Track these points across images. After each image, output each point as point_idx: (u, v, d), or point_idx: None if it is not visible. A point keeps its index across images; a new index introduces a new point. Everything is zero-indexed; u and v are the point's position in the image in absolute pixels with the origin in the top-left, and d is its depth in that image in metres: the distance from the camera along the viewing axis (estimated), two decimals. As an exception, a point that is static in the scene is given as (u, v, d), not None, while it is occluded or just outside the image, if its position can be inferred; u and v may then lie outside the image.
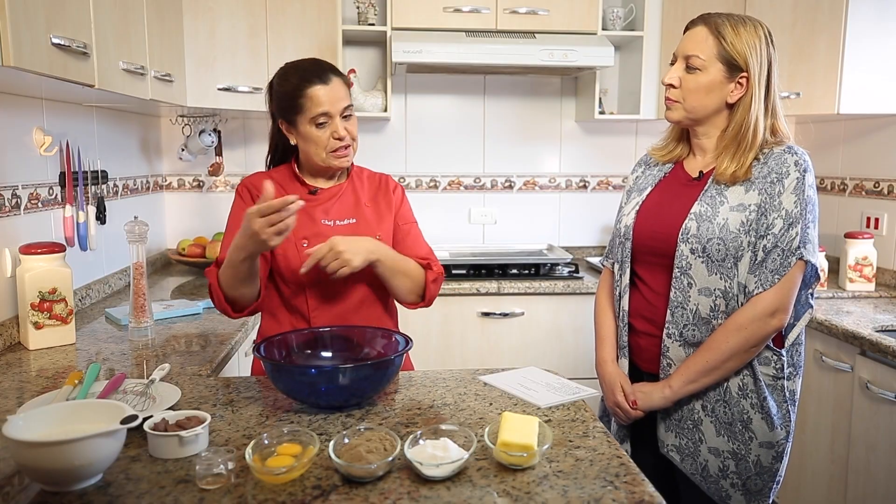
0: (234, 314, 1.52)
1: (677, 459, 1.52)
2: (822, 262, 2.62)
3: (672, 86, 1.50)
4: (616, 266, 1.64)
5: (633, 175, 1.72)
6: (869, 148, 2.77)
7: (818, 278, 1.49)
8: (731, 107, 1.48)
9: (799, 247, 1.39)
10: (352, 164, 1.68)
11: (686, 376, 1.46)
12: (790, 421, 1.49)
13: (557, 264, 2.88)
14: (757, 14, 2.69)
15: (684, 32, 1.53)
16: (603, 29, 2.90)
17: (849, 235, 2.58)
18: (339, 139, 1.54)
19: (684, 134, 1.61)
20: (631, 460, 1.12)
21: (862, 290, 2.55)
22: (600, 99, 3.06)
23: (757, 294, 1.41)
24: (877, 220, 2.72)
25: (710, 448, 1.49)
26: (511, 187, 3.30)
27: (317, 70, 1.55)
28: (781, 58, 2.64)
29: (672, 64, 1.53)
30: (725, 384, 1.47)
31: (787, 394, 1.48)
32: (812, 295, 1.50)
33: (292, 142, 1.59)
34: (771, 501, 1.51)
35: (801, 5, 2.57)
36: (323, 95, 1.52)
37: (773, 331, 1.42)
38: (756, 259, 1.42)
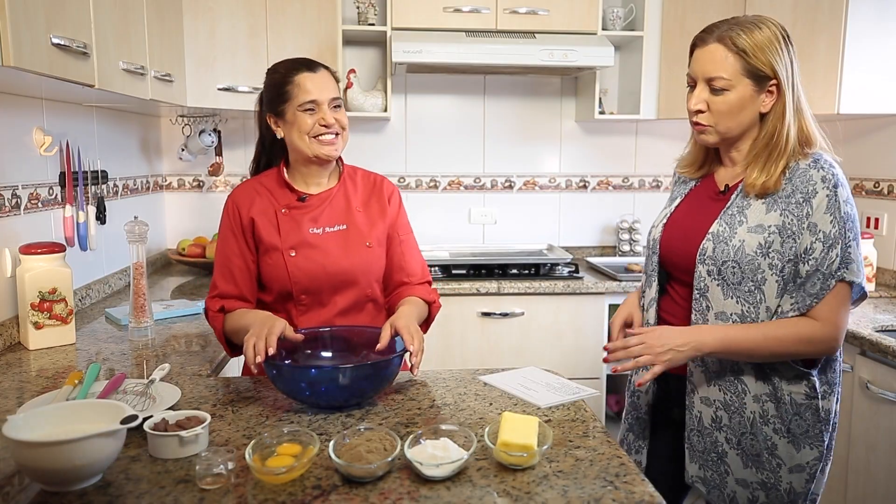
0: (233, 355, 1.61)
1: (703, 491, 1.47)
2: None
3: (700, 111, 1.41)
4: (644, 277, 1.61)
5: (672, 179, 1.65)
6: (869, 148, 2.77)
7: (864, 297, 1.40)
8: (762, 116, 1.41)
9: (840, 268, 1.32)
10: (343, 165, 1.67)
11: (727, 347, 1.35)
12: (822, 441, 1.40)
13: (557, 264, 2.88)
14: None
15: (693, 49, 1.43)
16: (603, 29, 2.89)
17: (849, 235, 2.58)
18: (326, 126, 1.53)
19: (711, 148, 1.53)
20: (631, 460, 1.12)
21: (862, 290, 2.55)
22: (600, 99, 3.06)
23: (813, 311, 1.33)
24: (877, 220, 2.72)
25: (737, 479, 1.42)
26: (511, 187, 3.30)
27: (305, 61, 1.58)
28: (781, 58, 2.64)
29: (691, 86, 1.43)
30: (751, 415, 1.40)
31: (822, 413, 1.39)
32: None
33: (279, 135, 1.58)
34: None
35: (801, 5, 2.57)
36: (310, 83, 1.53)
37: (828, 353, 1.37)
38: (795, 282, 1.35)
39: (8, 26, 1.25)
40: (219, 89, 2.53)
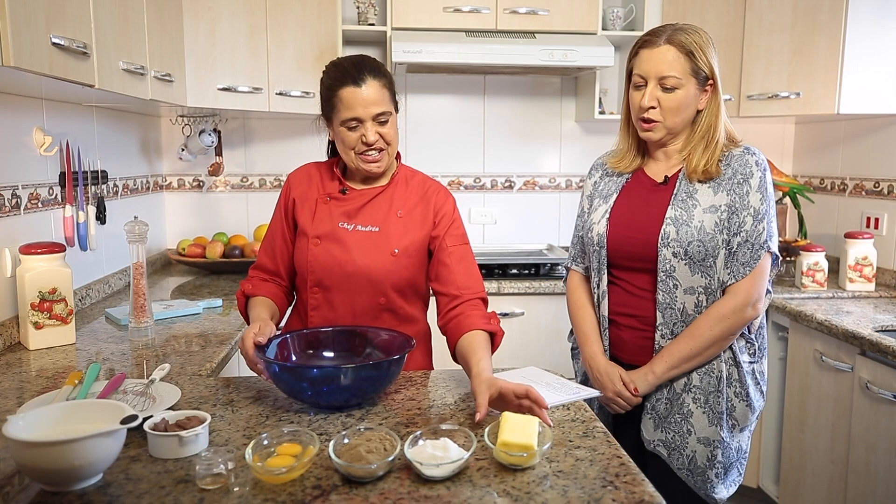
0: None
1: (664, 454, 1.56)
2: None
3: (652, 107, 1.53)
4: (592, 273, 1.67)
5: (592, 180, 1.73)
6: (869, 148, 2.77)
7: (778, 267, 1.58)
8: (697, 113, 1.56)
9: (766, 240, 1.50)
10: (400, 165, 1.64)
11: (669, 362, 1.52)
12: (762, 401, 1.60)
13: (557, 264, 2.88)
14: (757, 14, 2.70)
15: (639, 49, 1.55)
16: (603, 29, 2.90)
17: (849, 235, 2.58)
18: (368, 144, 1.49)
19: (641, 142, 1.65)
20: (631, 460, 1.12)
21: (862, 290, 2.55)
22: (600, 99, 3.06)
23: (732, 285, 1.50)
24: (877, 220, 2.72)
25: (699, 438, 1.54)
26: (511, 187, 3.30)
27: (353, 70, 1.48)
28: (781, 58, 2.65)
29: (640, 86, 1.55)
30: (719, 374, 1.53)
31: (758, 375, 1.59)
32: (771, 282, 1.60)
33: (329, 138, 1.60)
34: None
35: (801, 5, 2.57)
36: (353, 99, 1.46)
37: (751, 319, 1.51)
38: (729, 254, 1.51)
39: (8, 26, 1.25)
40: (219, 89, 2.53)
